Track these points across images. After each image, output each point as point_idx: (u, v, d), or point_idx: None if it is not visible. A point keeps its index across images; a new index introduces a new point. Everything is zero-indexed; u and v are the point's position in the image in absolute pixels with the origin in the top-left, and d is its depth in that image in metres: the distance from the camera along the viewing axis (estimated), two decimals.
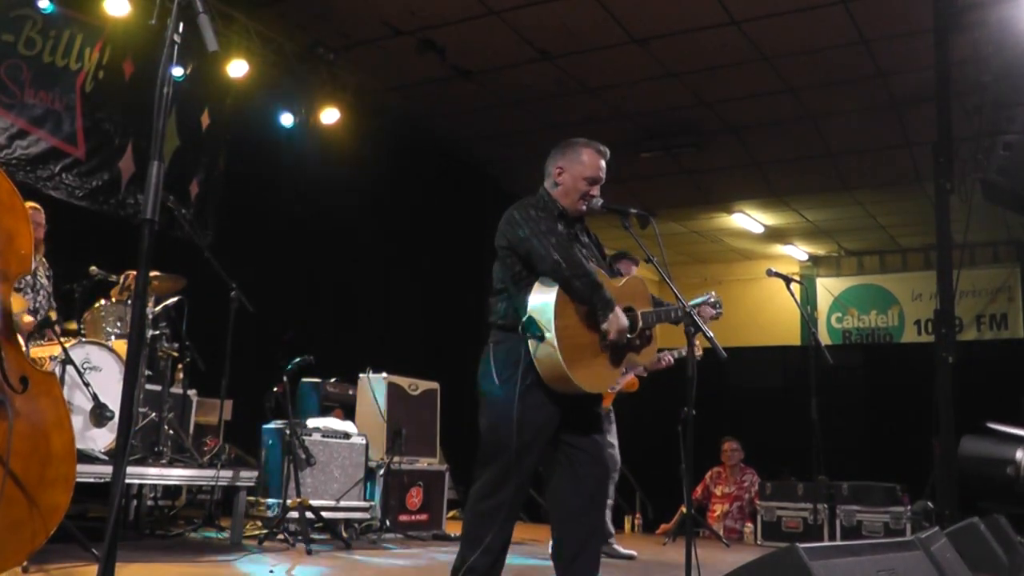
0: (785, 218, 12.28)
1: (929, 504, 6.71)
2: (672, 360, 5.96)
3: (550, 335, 3.13)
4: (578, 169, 3.40)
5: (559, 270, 3.18)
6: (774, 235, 13.05)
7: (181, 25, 2.19)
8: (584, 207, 3.42)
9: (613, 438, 6.13)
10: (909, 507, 7.44)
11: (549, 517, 3.41)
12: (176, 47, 2.18)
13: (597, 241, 3.58)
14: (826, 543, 4.17)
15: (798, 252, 13.87)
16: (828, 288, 13.97)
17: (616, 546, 6.17)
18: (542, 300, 3.19)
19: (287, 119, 8.45)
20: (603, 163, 3.45)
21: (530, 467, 3.25)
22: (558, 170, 3.43)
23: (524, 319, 3.18)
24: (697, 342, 5.75)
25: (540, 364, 3.17)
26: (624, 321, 3.25)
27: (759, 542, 7.92)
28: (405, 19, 7.61)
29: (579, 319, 3.25)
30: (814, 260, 14.16)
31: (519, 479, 3.19)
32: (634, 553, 6.22)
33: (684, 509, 6.55)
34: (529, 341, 3.17)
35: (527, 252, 3.25)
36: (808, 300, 13.50)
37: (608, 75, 8.45)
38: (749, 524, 8.38)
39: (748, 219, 12.25)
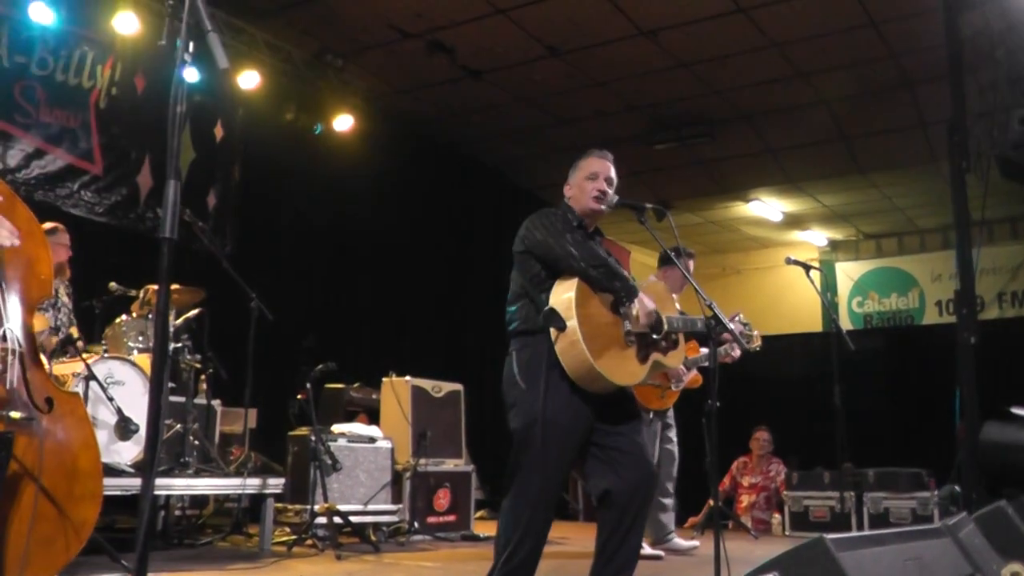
0: (802, 204, 12.22)
1: (956, 488, 6.65)
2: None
3: (572, 323, 3.14)
4: (579, 174, 3.53)
5: (575, 262, 3.24)
6: (792, 222, 12.98)
7: (191, 45, 2.20)
8: (599, 204, 3.43)
9: (673, 434, 6.07)
10: (936, 492, 7.38)
11: (596, 513, 3.38)
12: (186, 66, 2.19)
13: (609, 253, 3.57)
14: (853, 533, 4.15)
15: (817, 238, 13.79)
16: (848, 272, 13.89)
17: (677, 540, 6.07)
18: (564, 291, 3.23)
19: (299, 127, 8.47)
20: (604, 162, 3.52)
21: (560, 467, 3.23)
22: (567, 187, 3.57)
23: (545, 310, 3.20)
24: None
25: (564, 356, 3.16)
26: (651, 304, 3.28)
27: (787, 532, 7.88)
28: (412, 22, 7.63)
29: (601, 310, 3.27)
30: (833, 245, 14.07)
31: (549, 479, 3.17)
32: (696, 544, 6.17)
33: (712, 503, 6.53)
34: (552, 331, 3.17)
35: (545, 252, 3.31)
36: (828, 286, 13.43)
37: (618, 68, 8.44)
38: (777, 515, 8.34)
39: (765, 206, 12.20)
